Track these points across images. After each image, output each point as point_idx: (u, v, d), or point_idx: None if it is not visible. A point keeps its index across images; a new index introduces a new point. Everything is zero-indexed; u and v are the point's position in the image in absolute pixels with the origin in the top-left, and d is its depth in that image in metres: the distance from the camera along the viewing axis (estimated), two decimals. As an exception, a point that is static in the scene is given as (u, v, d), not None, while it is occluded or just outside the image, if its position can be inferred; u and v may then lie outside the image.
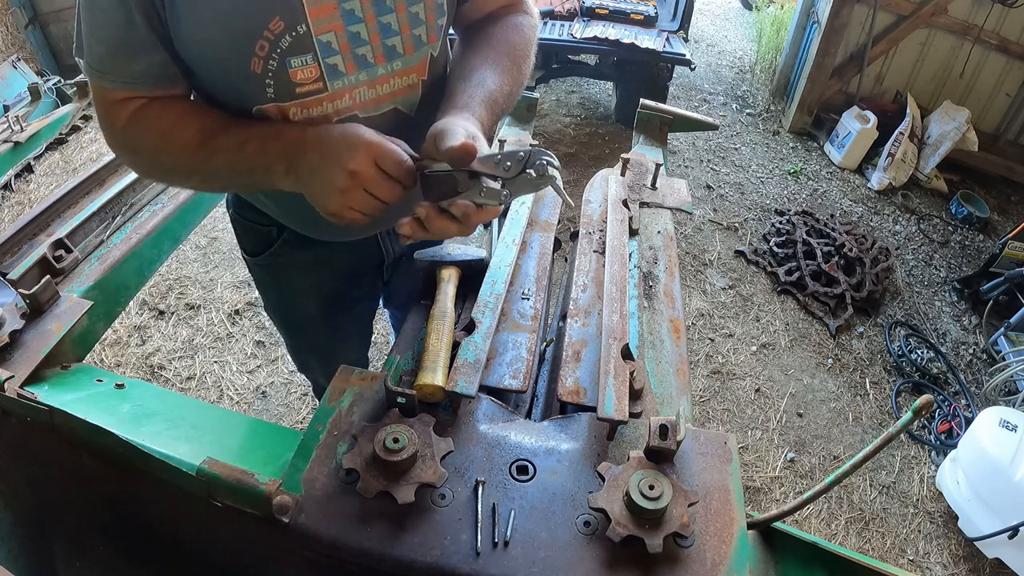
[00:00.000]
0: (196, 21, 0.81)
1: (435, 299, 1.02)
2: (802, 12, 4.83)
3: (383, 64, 0.93)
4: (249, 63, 0.84)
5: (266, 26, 0.81)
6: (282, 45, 0.83)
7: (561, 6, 3.96)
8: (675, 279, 1.21)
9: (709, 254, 3.56)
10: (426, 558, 0.70)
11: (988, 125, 4.67)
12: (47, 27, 4.74)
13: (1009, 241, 3.43)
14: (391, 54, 0.93)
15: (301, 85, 0.88)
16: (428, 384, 0.85)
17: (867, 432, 2.73)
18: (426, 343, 0.93)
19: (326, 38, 0.85)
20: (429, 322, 0.96)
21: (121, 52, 0.84)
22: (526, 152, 0.80)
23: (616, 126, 4.62)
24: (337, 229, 0.97)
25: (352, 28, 0.87)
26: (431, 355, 0.90)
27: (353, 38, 0.88)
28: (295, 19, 0.82)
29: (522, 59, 1.02)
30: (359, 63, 0.90)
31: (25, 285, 1.05)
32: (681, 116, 1.76)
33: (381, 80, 0.94)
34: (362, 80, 0.92)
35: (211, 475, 0.73)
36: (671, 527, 0.70)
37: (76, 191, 1.34)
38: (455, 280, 1.07)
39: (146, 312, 2.81)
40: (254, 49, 0.83)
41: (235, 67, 0.85)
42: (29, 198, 3.29)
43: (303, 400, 2.50)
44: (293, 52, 0.84)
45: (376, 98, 0.95)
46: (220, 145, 0.89)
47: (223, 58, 0.86)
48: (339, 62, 0.88)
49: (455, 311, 1.01)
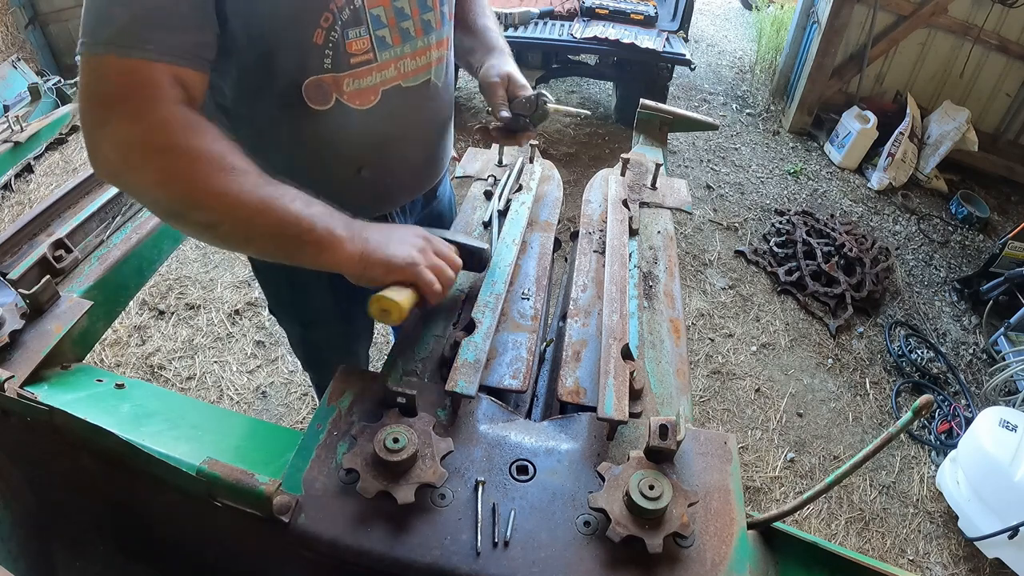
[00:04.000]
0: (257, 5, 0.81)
1: None
2: (802, 12, 4.83)
3: (422, 37, 1.03)
4: (312, 35, 0.88)
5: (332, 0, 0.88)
6: (343, 17, 0.90)
7: (561, 6, 3.96)
8: (675, 279, 1.21)
9: (709, 254, 3.56)
10: (426, 558, 0.70)
11: (988, 125, 4.67)
12: (47, 27, 4.74)
13: (1009, 241, 3.43)
14: (427, 28, 1.03)
15: (355, 56, 0.95)
16: (387, 298, 0.83)
17: (867, 432, 2.73)
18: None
19: (376, 11, 0.94)
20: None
21: (159, 19, 0.71)
22: (535, 94, 1.17)
23: (616, 126, 4.62)
24: (364, 191, 1.13)
25: (397, 3, 0.97)
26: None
27: (398, 12, 0.97)
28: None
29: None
30: (403, 36, 1.00)
31: (25, 285, 1.05)
32: (681, 116, 1.76)
33: (420, 52, 1.04)
34: (406, 52, 1.02)
35: (211, 475, 0.73)
36: (671, 527, 0.70)
37: (76, 191, 1.34)
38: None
39: (146, 312, 2.81)
40: (319, 21, 0.88)
41: (297, 39, 0.87)
42: (29, 198, 3.29)
43: (303, 400, 2.50)
44: (350, 24, 0.92)
45: (416, 68, 1.05)
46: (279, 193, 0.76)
47: (286, 30, 0.85)
48: (387, 34, 0.98)
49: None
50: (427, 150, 1.23)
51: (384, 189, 1.19)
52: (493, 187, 1.36)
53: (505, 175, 1.39)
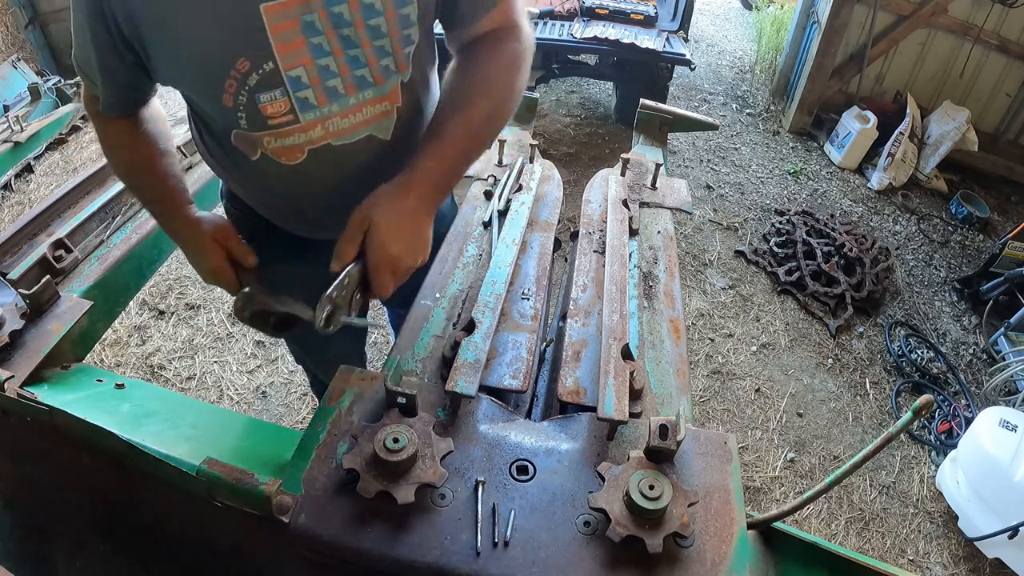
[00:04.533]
0: (167, 60, 0.88)
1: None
2: (802, 12, 4.83)
3: (354, 94, 0.95)
4: (220, 98, 0.89)
5: (233, 66, 0.86)
6: (250, 83, 0.88)
7: (561, 6, 3.96)
8: (675, 279, 1.21)
9: (709, 254, 3.56)
10: (426, 558, 0.70)
11: (988, 125, 4.67)
12: (47, 27, 4.74)
13: (1009, 241, 3.42)
14: (361, 84, 0.94)
15: (272, 118, 0.92)
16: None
17: (867, 432, 2.73)
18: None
19: (295, 73, 0.88)
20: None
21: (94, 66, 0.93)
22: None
23: (616, 126, 4.62)
24: (315, 228, 1.13)
25: (321, 62, 0.89)
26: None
27: (323, 71, 0.90)
28: (262, 57, 0.86)
29: (502, 92, 0.99)
30: (330, 95, 0.93)
31: (25, 285, 1.05)
32: (681, 116, 1.76)
33: (354, 109, 0.96)
34: (334, 111, 0.95)
35: (211, 475, 0.73)
36: (671, 527, 0.70)
37: (76, 191, 1.34)
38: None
39: (146, 312, 2.81)
40: (223, 86, 0.88)
41: (208, 100, 0.93)
42: (29, 198, 3.29)
43: (303, 400, 2.50)
44: (261, 88, 0.88)
45: (350, 126, 0.98)
46: (139, 182, 1.05)
47: (197, 92, 0.94)
48: (310, 95, 0.91)
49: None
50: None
51: (340, 219, 1.17)
52: (493, 187, 1.37)
53: (505, 175, 1.39)
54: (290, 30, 0.84)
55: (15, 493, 1.01)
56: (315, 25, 0.85)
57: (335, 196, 1.07)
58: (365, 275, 0.88)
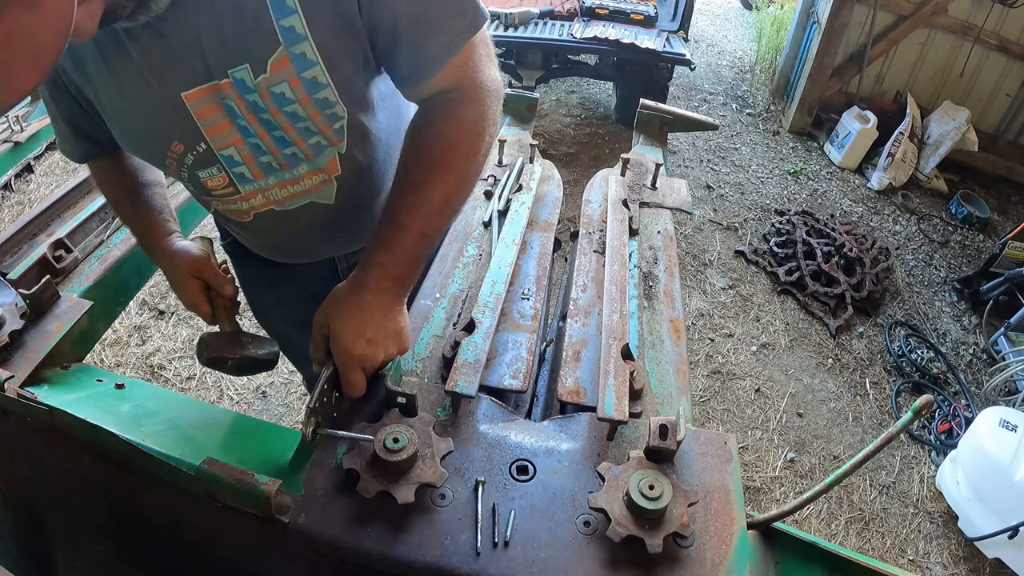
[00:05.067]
0: (117, 135, 0.94)
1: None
2: (802, 12, 4.83)
3: (288, 170, 0.96)
4: (166, 167, 0.95)
5: (168, 148, 0.90)
6: (187, 161, 0.92)
7: (561, 6, 3.96)
8: (675, 279, 1.21)
9: (709, 254, 3.56)
10: (426, 558, 0.70)
11: (988, 125, 4.67)
12: (47, 27, 4.73)
13: (1009, 241, 3.43)
14: (293, 161, 0.94)
15: (214, 189, 0.97)
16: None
17: (867, 432, 2.73)
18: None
19: (227, 152, 0.91)
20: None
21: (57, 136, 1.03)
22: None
23: (616, 126, 4.62)
24: (287, 254, 1.18)
25: (251, 141, 0.90)
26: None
27: (254, 149, 0.91)
28: (194, 140, 0.89)
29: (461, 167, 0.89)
30: (265, 169, 0.95)
31: (25, 285, 1.05)
32: (681, 116, 1.76)
33: (291, 181, 0.98)
34: (272, 183, 0.97)
35: (211, 475, 0.73)
36: (671, 527, 0.70)
37: (76, 191, 1.34)
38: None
39: (146, 312, 2.81)
40: (165, 163, 0.93)
41: (158, 166, 1.01)
42: (29, 198, 3.29)
43: (303, 400, 2.50)
44: (198, 166, 0.93)
45: (289, 195, 1.00)
46: (123, 215, 1.10)
47: (147, 161, 1.04)
48: (245, 171, 0.94)
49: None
50: (333, 238, 1.13)
51: (301, 256, 1.20)
52: (493, 187, 1.36)
53: (505, 175, 1.39)
54: (214, 114, 0.85)
55: (15, 493, 1.01)
56: (235, 110, 0.85)
57: (289, 242, 1.13)
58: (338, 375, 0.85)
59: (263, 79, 0.81)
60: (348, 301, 0.84)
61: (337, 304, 0.84)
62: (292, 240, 1.12)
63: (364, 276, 0.85)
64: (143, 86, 0.82)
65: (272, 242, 1.16)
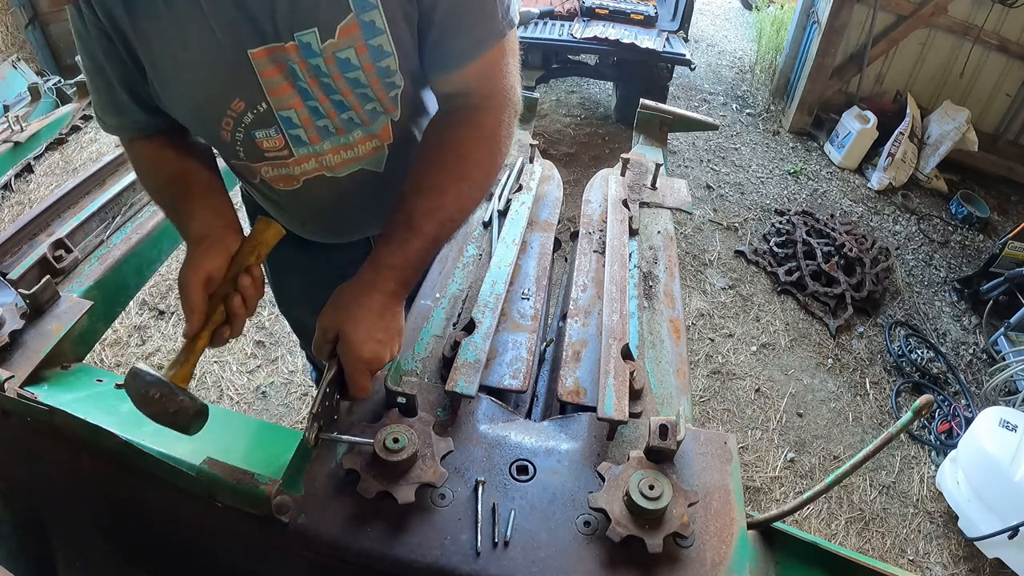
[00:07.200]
0: (169, 97, 0.90)
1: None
2: (802, 12, 4.83)
3: (344, 134, 0.96)
4: (219, 133, 0.93)
5: (228, 106, 0.89)
6: (245, 121, 0.91)
7: (561, 6, 3.96)
8: (675, 279, 1.21)
9: (709, 254, 3.56)
10: (426, 558, 0.70)
11: (988, 125, 4.67)
12: (47, 27, 4.74)
13: (1009, 241, 3.43)
14: (350, 125, 0.95)
15: (268, 151, 0.96)
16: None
17: (867, 432, 2.73)
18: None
19: (287, 114, 0.90)
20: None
21: (108, 108, 0.95)
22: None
23: (616, 126, 4.62)
24: (327, 228, 1.16)
25: (310, 104, 0.90)
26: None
27: (313, 112, 0.91)
28: (256, 99, 0.88)
29: (477, 172, 0.91)
30: (322, 133, 0.95)
31: (25, 285, 1.05)
32: (681, 116, 1.76)
33: (344, 147, 0.98)
34: (327, 148, 0.97)
35: (211, 475, 0.73)
36: (671, 527, 0.70)
37: (76, 191, 1.34)
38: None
39: (146, 312, 2.81)
40: (220, 124, 0.91)
41: (208, 135, 0.98)
42: (29, 198, 3.29)
43: (303, 400, 2.50)
44: (256, 126, 0.92)
45: (342, 162, 1.00)
46: (161, 200, 1.02)
47: (197, 128, 0.98)
48: (302, 134, 0.93)
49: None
50: (377, 211, 1.07)
51: (343, 232, 1.19)
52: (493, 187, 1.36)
53: (505, 175, 1.39)
54: (277, 75, 0.86)
55: (15, 493, 1.01)
56: (297, 72, 0.86)
57: (334, 213, 1.11)
58: (342, 375, 0.83)
59: (330, 43, 0.83)
60: (359, 304, 0.84)
61: (347, 307, 0.84)
62: (336, 210, 1.09)
63: (375, 277, 0.85)
64: (210, 38, 0.81)
65: (315, 213, 1.12)
